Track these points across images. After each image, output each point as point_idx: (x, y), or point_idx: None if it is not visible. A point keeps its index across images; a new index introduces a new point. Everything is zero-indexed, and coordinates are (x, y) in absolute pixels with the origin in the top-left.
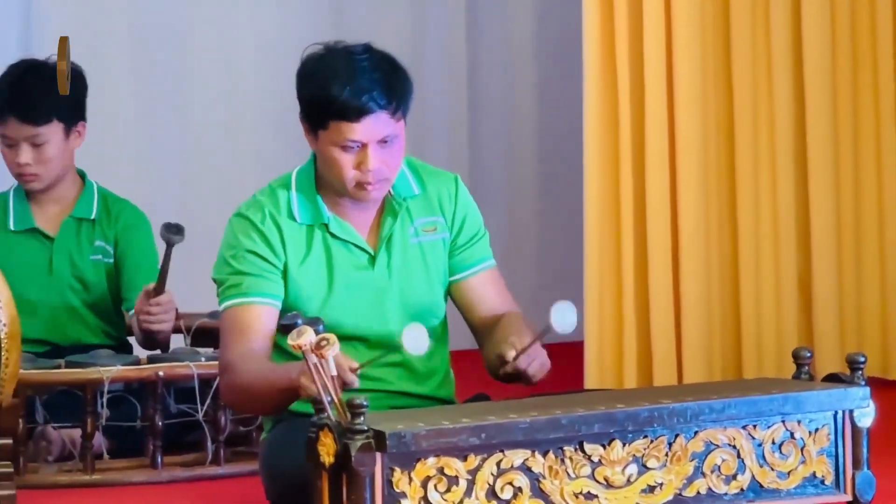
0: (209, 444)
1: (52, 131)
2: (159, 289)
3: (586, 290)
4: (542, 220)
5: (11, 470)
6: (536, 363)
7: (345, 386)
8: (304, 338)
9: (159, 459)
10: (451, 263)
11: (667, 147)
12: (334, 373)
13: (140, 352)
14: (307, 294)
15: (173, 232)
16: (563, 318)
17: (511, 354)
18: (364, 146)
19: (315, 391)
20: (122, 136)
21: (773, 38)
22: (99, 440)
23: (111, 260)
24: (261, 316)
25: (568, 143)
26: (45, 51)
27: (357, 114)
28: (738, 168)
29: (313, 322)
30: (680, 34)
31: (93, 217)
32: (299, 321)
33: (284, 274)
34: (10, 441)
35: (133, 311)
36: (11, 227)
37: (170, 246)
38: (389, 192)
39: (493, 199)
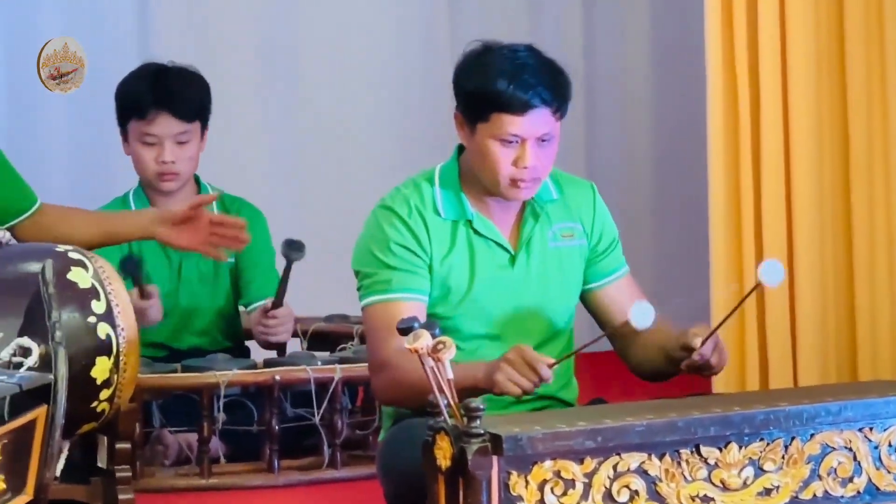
0: (325, 447)
1: (195, 130)
2: (277, 303)
3: (713, 293)
4: (657, 222)
5: (129, 474)
6: (717, 354)
7: (541, 381)
8: (421, 341)
9: (276, 463)
10: (589, 272)
11: (782, 152)
12: (450, 376)
13: (257, 356)
14: (448, 289)
15: (294, 249)
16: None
17: (697, 342)
18: (523, 142)
19: (512, 389)
20: (239, 143)
21: (887, 41)
22: (215, 444)
23: (233, 259)
24: (410, 312)
25: (684, 145)
26: (165, 58)
27: (521, 107)
28: (852, 172)
29: (430, 325)
30: (794, 38)
31: None
32: (416, 324)
33: (430, 269)
34: (127, 445)
35: (251, 307)
36: None
37: (290, 262)
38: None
39: (608, 202)
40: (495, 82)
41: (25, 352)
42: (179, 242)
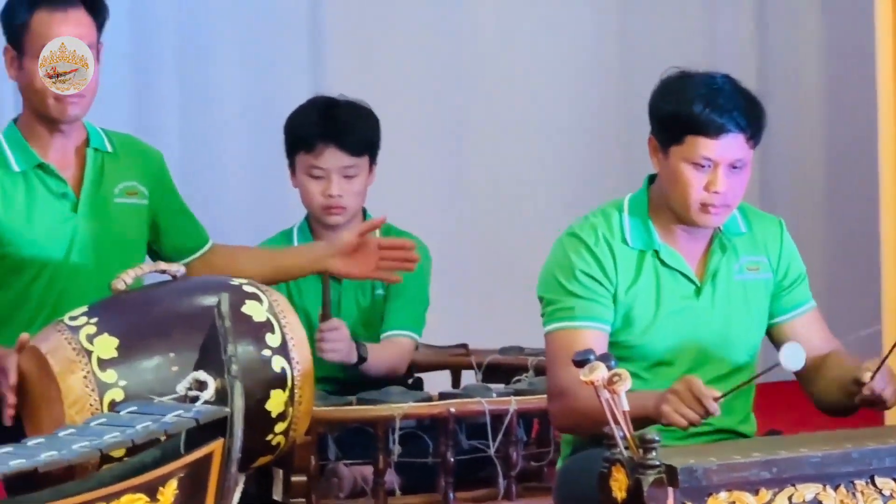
0: (500, 479)
1: (363, 165)
2: (325, 316)
3: (884, 326)
4: (830, 234)
5: None
6: (891, 387)
7: (707, 415)
8: (597, 374)
9: (451, 495)
10: (775, 306)
11: None
12: (626, 408)
13: (432, 388)
14: (632, 318)
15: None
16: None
17: (867, 376)
18: (715, 167)
19: (678, 420)
20: (408, 178)
21: None
22: (391, 477)
23: (381, 291)
24: (591, 340)
25: (858, 153)
26: (334, 91)
27: (716, 131)
28: None
29: (606, 357)
30: None
31: None
32: (592, 356)
33: (614, 298)
34: (303, 478)
35: (384, 335)
36: None
37: (329, 277)
38: (719, 227)
39: (781, 213)
40: (691, 105)
41: (201, 385)
42: (352, 272)
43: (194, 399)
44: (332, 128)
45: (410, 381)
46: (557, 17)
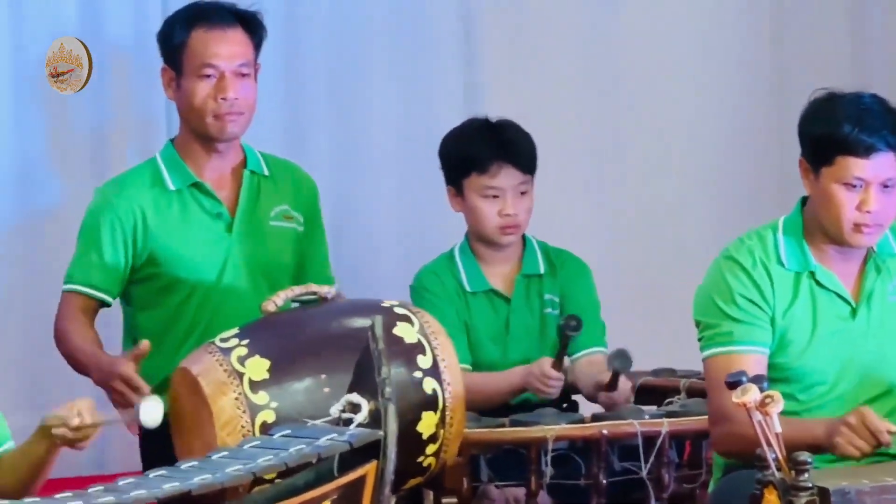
0: (652, 501)
1: (532, 183)
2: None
3: None
4: None
5: None
6: None
7: (879, 446)
8: (749, 395)
9: None
10: None
11: None
12: (778, 430)
13: (585, 410)
14: (788, 341)
15: (623, 359)
16: None
17: None
18: (867, 186)
19: (852, 452)
20: (562, 196)
21: None
22: (543, 499)
23: (557, 311)
24: (752, 364)
25: None
26: (489, 113)
27: (866, 150)
28: None
29: (758, 379)
30: None
31: (541, 272)
32: (744, 378)
33: (772, 321)
34: (454, 500)
35: (574, 357)
36: (467, 288)
37: (619, 372)
38: (873, 247)
39: None
40: (840, 126)
41: (355, 408)
42: None
43: (348, 421)
44: (505, 147)
45: (565, 404)
46: (710, 37)
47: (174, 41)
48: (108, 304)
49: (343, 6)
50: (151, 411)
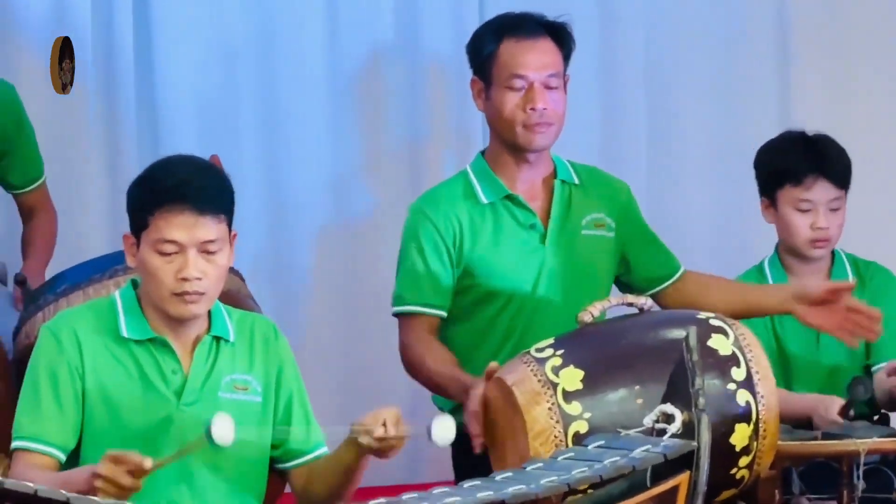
0: None
1: (844, 198)
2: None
3: None
4: None
5: None
6: None
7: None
8: None
9: None
10: None
11: None
12: None
13: (894, 422)
14: None
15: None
16: None
17: None
18: None
19: None
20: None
21: None
22: None
23: None
24: None
25: None
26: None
27: None
28: None
29: None
30: None
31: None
32: None
33: None
34: None
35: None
36: None
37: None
38: None
39: None
40: None
41: (668, 418)
42: (814, 321)
43: (661, 432)
44: (821, 161)
45: (876, 416)
46: None
47: (483, 52)
48: (443, 319)
49: (658, 16)
50: (443, 430)
